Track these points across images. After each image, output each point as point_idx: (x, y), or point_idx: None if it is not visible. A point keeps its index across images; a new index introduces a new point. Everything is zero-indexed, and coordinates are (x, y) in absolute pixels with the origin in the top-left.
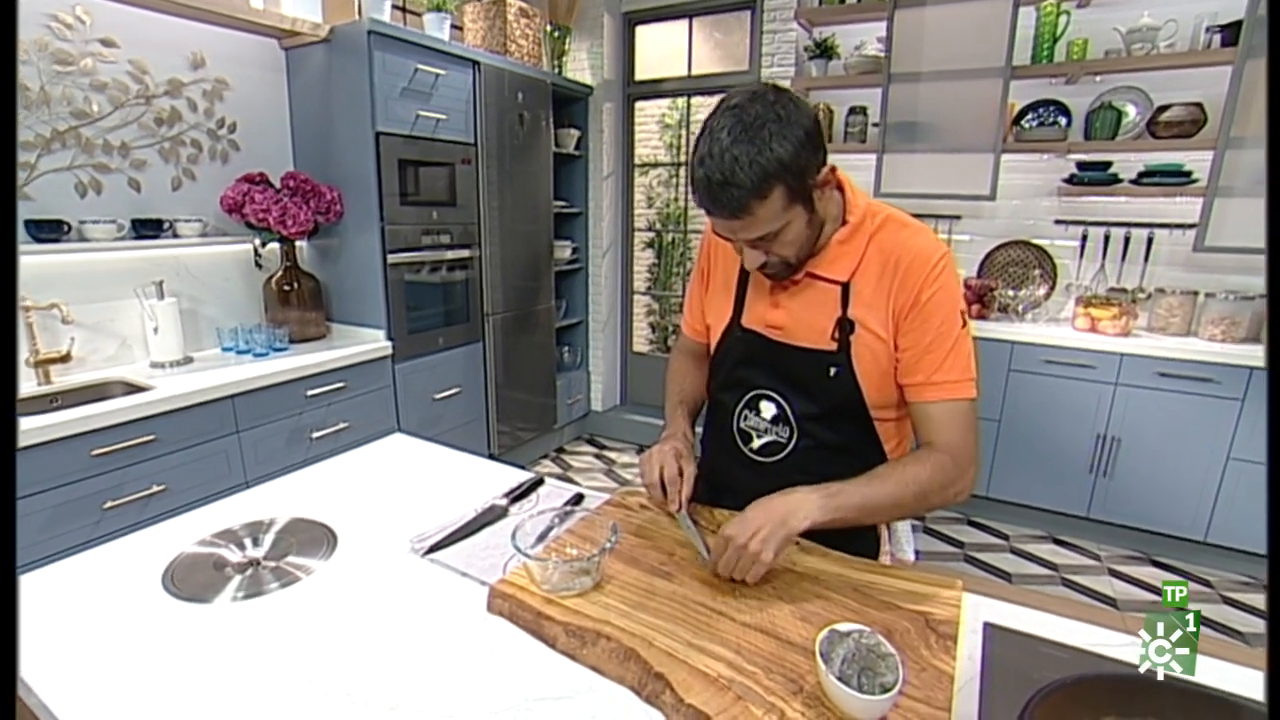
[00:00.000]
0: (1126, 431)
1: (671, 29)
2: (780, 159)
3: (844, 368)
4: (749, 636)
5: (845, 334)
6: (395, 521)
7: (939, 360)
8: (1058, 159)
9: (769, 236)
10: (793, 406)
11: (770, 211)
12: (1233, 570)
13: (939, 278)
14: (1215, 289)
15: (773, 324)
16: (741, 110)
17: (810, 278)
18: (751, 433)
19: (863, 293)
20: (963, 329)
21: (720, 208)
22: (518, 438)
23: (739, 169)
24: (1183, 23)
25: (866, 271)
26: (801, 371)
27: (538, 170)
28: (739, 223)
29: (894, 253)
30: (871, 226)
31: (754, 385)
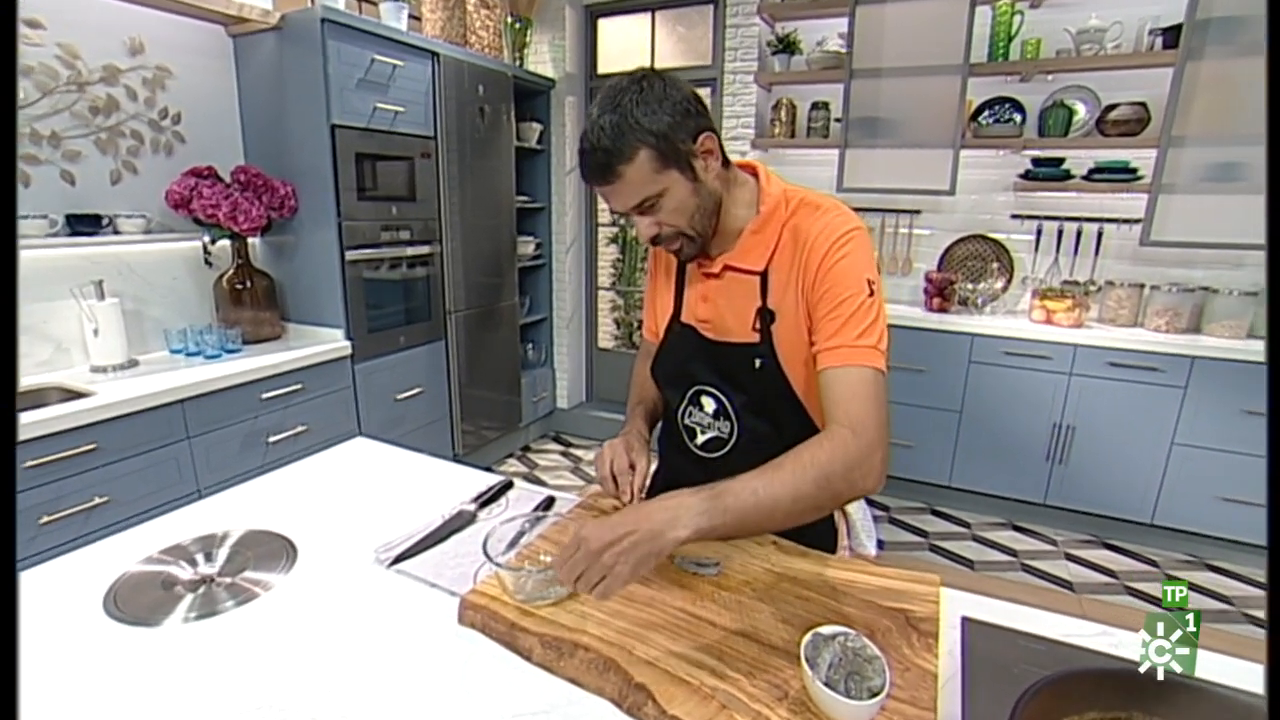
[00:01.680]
0: (1080, 420)
1: (634, 22)
2: (640, 122)
3: (768, 358)
4: (730, 641)
5: (766, 324)
6: (359, 531)
7: (837, 325)
8: (1013, 155)
9: (650, 203)
10: (731, 400)
11: (639, 174)
12: (1177, 550)
13: (843, 248)
14: (1160, 281)
15: (701, 318)
16: (611, 88)
17: (729, 270)
18: (696, 428)
19: (779, 280)
20: (869, 297)
21: (591, 173)
22: (482, 437)
23: (603, 135)
24: (1127, 25)
25: (780, 258)
26: (731, 365)
27: (499, 164)
28: (611, 188)
29: (804, 229)
30: (785, 214)
31: (695, 381)
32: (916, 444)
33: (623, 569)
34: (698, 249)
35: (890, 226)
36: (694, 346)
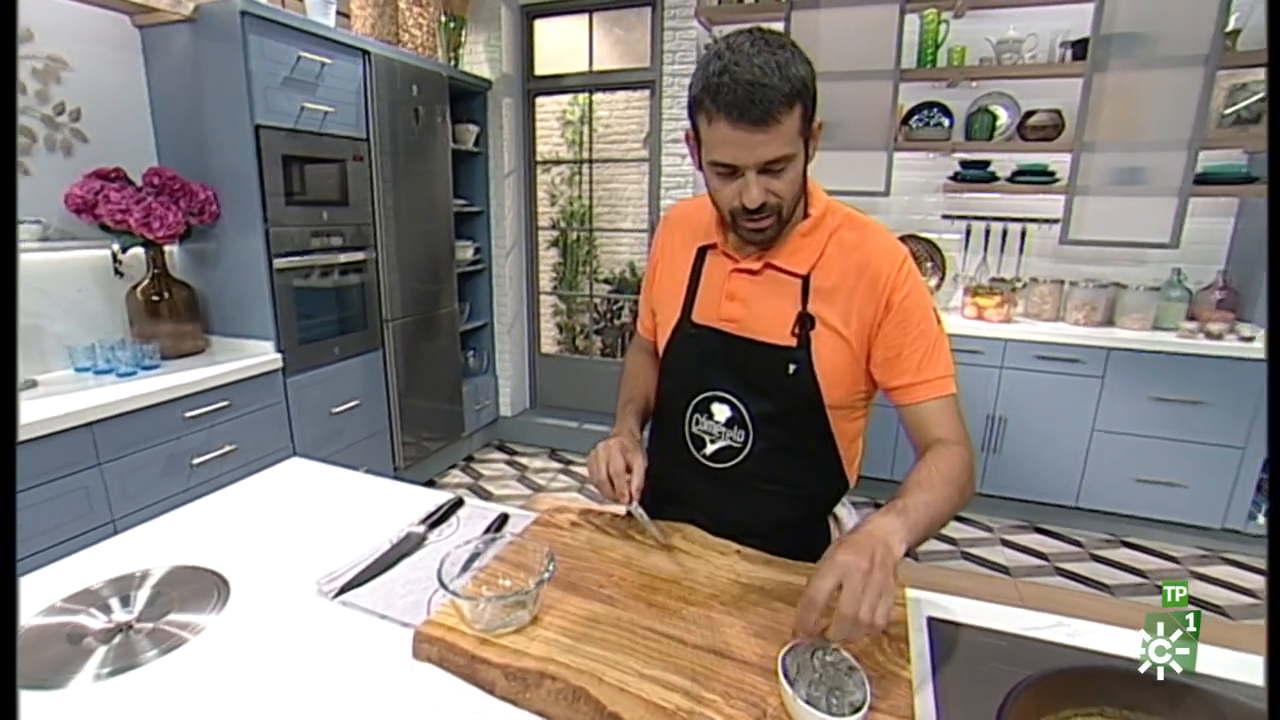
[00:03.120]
0: (1011, 411)
1: (571, 24)
2: (802, 77)
3: (803, 365)
4: (703, 660)
5: (805, 329)
6: (298, 560)
7: (924, 358)
8: (943, 157)
9: (778, 164)
10: (749, 407)
11: (791, 129)
12: (1099, 530)
13: (907, 278)
14: (1077, 278)
15: (728, 317)
16: (759, 33)
17: (770, 269)
18: (705, 437)
19: (823, 288)
20: (938, 326)
21: (752, 108)
22: (424, 449)
23: (771, 73)
24: (1041, 37)
25: (827, 266)
26: (758, 368)
27: (436, 167)
28: (764, 135)
29: (855, 252)
30: (833, 223)
31: (706, 386)
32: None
33: (891, 583)
34: (777, 234)
35: None
36: (711, 348)
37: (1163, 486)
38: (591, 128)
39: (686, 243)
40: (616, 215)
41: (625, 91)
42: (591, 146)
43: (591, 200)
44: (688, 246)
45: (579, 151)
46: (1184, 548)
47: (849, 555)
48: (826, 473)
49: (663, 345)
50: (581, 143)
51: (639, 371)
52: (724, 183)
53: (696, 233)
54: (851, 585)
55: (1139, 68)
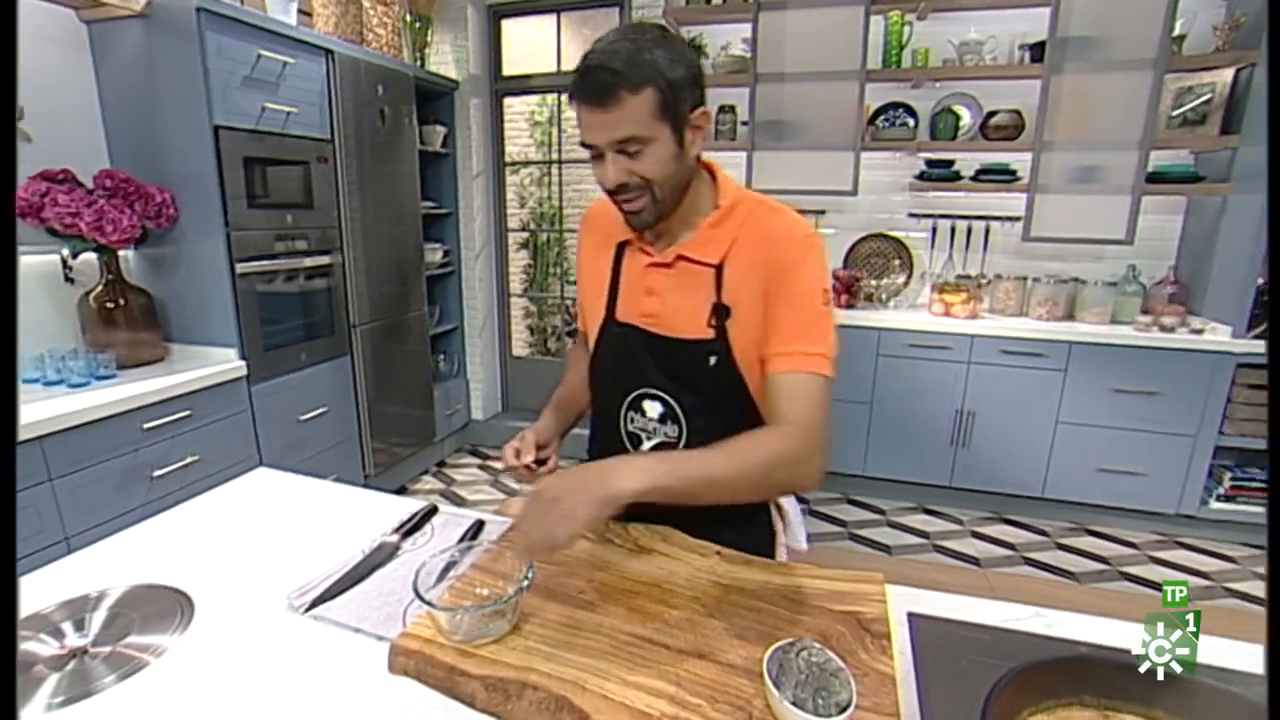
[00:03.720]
0: (979, 405)
1: (539, 24)
2: (657, 64)
3: (722, 355)
4: (686, 664)
5: (721, 320)
6: (267, 575)
7: (792, 331)
8: (908, 157)
9: (634, 147)
10: (679, 402)
11: (639, 110)
12: (1064, 519)
13: (803, 255)
14: (1039, 274)
15: (647, 313)
16: (631, 25)
17: (682, 261)
18: (640, 434)
19: (735, 276)
20: (823, 307)
21: (591, 90)
22: (395, 455)
23: (616, 58)
24: (1001, 39)
25: (738, 256)
26: (681, 363)
27: (402, 169)
28: (607, 114)
29: (763, 234)
30: (743, 213)
31: (636, 384)
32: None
33: (580, 511)
34: (655, 217)
35: None
36: (636, 346)
37: (1123, 475)
38: (561, 128)
39: (605, 240)
40: None
41: None
42: (561, 147)
43: (562, 201)
44: (607, 243)
45: (549, 152)
46: (1143, 534)
47: (550, 482)
48: None
49: (591, 345)
50: (551, 144)
51: (573, 365)
52: (597, 165)
53: (614, 229)
54: (531, 512)
55: (1093, 70)
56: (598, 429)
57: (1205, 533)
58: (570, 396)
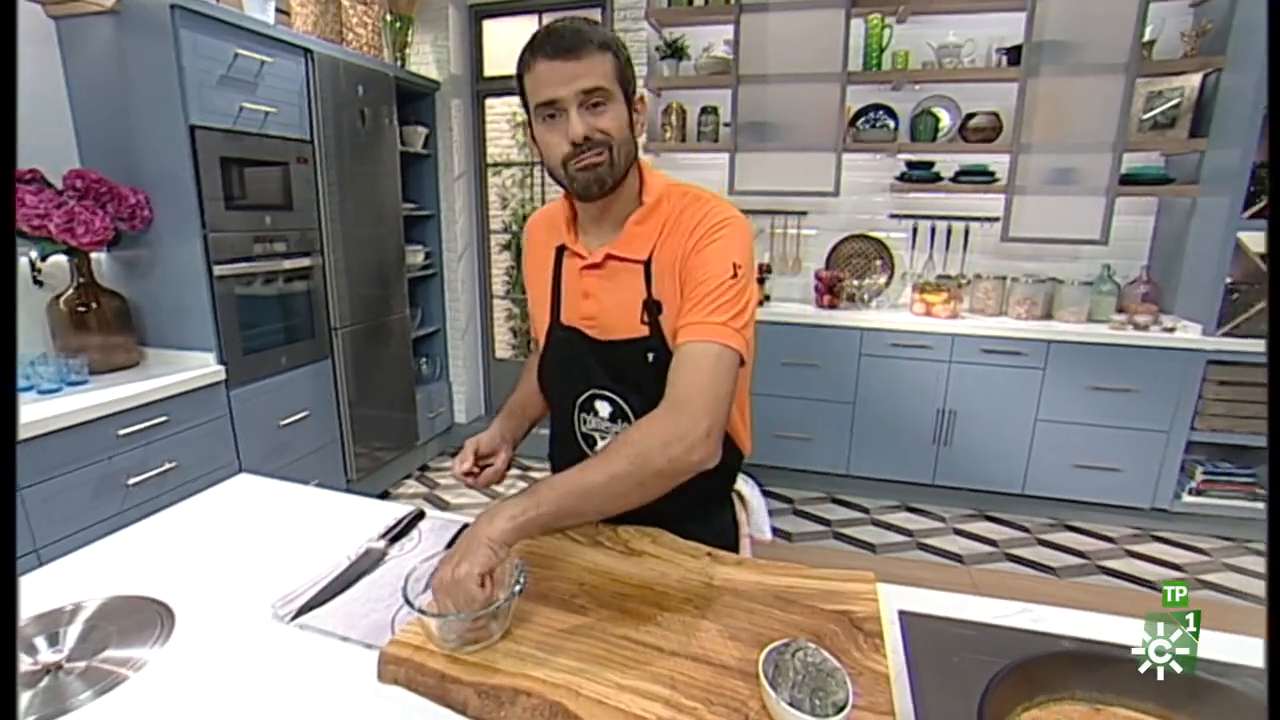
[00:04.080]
0: (960, 403)
1: (521, 24)
2: (615, 39)
3: (659, 350)
4: (681, 666)
5: (654, 315)
6: (251, 584)
7: (695, 304)
8: (889, 158)
9: (598, 101)
10: (626, 400)
11: (605, 68)
12: (1044, 515)
13: (717, 233)
14: (1018, 274)
15: (586, 315)
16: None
17: (611, 260)
18: (595, 435)
19: (662, 266)
20: (732, 279)
21: (561, 42)
22: (377, 459)
23: (579, 24)
24: (979, 42)
25: (664, 248)
26: (623, 362)
27: (383, 170)
28: (578, 64)
29: (685, 216)
30: (669, 207)
31: (586, 386)
32: (815, 436)
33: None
34: (611, 179)
35: (779, 228)
36: (581, 349)
37: (1099, 471)
38: None
39: (545, 245)
40: None
41: None
42: None
43: (544, 203)
44: (547, 248)
45: (530, 154)
46: (1119, 528)
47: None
48: None
49: (540, 350)
50: None
51: (527, 372)
52: (552, 130)
53: (552, 234)
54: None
55: (1067, 74)
56: (557, 431)
57: (1178, 526)
58: (524, 401)
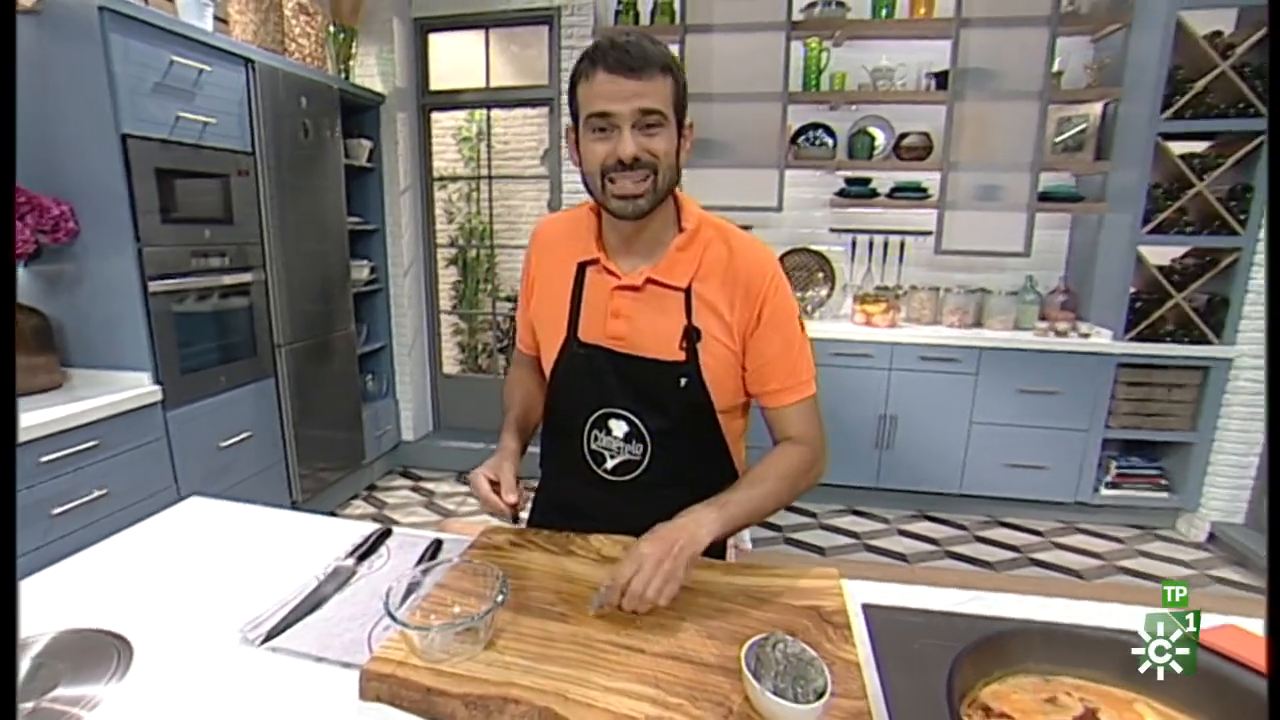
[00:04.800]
0: (900, 409)
1: (467, 39)
2: (674, 61)
3: (693, 376)
4: (664, 666)
5: (692, 342)
6: (214, 609)
7: (789, 366)
8: (828, 175)
9: (654, 119)
10: (645, 422)
11: (664, 91)
12: (980, 513)
13: (777, 289)
14: (950, 285)
15: (615, 335)
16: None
17: (651, 284)
18: (604, 453)
19: (704, 300)
20: (801, 333)
21: (629, 58)
22: (322, 480)
23: (644, 42)
24: (910, 67)
25: (707, 279)
26: (650, 384)
27: (327, 184)
28: (640, 84)
29: (732, 265)
30: (707, 236)
31: (601, 404)
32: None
33: (680, 570)
34: (650, 205)
35: None
36: (602, 367)
37: (1028, 469)
38: (490, 144)
39: (564, 259)
40: (515, 232)
41: (523, 109)
42: (490, 163)
43: (492, 217)
44: (565, 263)
45: (477, 168)
46: (1047, 521)
47: (651, 547)
48: (720, 471)
49: (549, 364)
50: (479, 159)
51: (519, 383)
52: (600, 141)
53: (574, 249)
54: (644, 572)
55: (989, 99)
56: (555, 447)
57: (1097, 517)
58: (525, 420)
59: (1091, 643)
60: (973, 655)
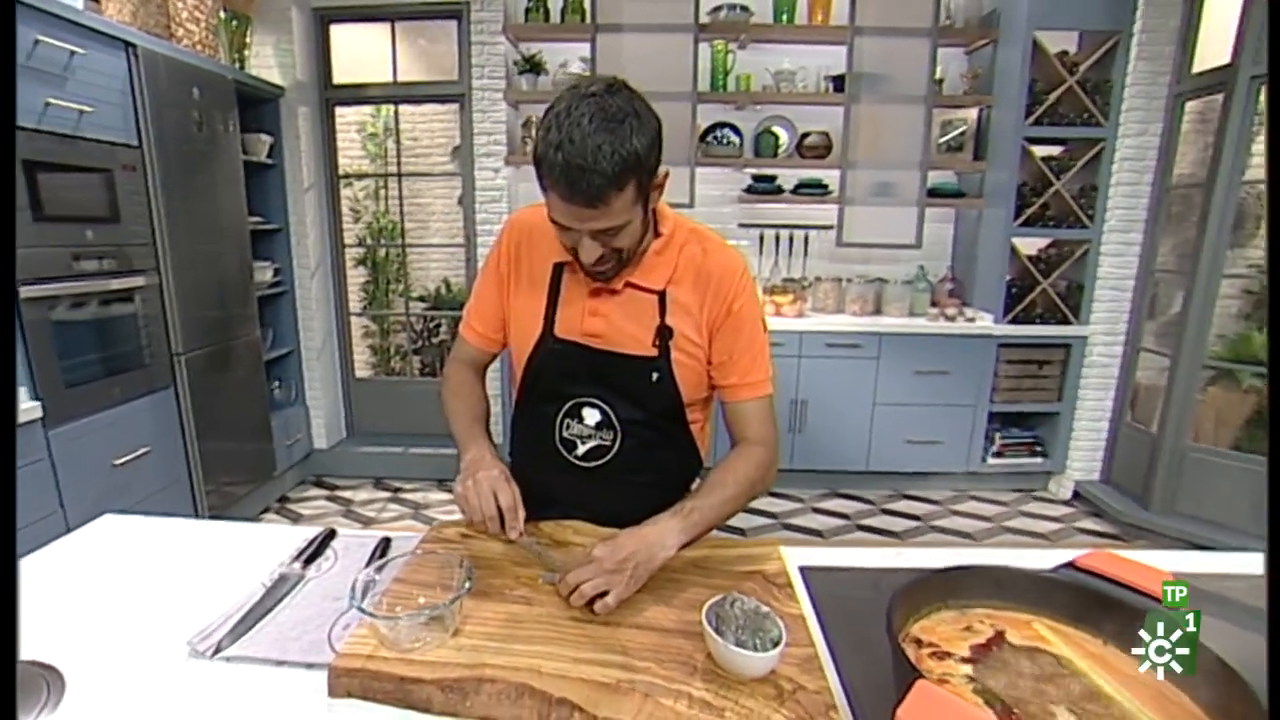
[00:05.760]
0: (810, 394)
1: (372, 32)
2: (638, 153)
3: (665, 372)
4: (628, 636)
5: (665, 340)
6: (152, 626)
7: (749, 364)
8: (736, 172)
9: (612, 231)
10: (617, 412)
11: (622, 204)
12: (885, 488)
13: (745, 288)
14: (852, 275)
15: (591, 332)
16: (602, 100)
17: (629, 287)
18: (576, 441)
19: (677, 301)
20: (764, 334)
21: (579, 194)
22: (230, 494)
23: (601, 158)
24: (810, 70)
25: (681, 281)
26: (624, 378)
27: (225, 180)
28: (593, 212)
29: (704, 266)
30: (682, 239)
31: (575, 395)
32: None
33: (632, 581)
34: (615, 274)
35: None
36: (576, 361)
37: (926, 445)
38: (399, 141)
39: (544, 256)
40: (425, 230)
41: (433, 104)
42: (400, 160)
43: (402, 215)
44: (545, 260)
45: (384, 165)
46: (943, 491)
47: (606, 552)
48: (685, 457)
49: (522, 356)
50: (386, 156)
51: (469, 384)
52: (563, 234)
53: (551, 248)
54: (586, 571)
55: (881, 102)
56: (526, 435)
57: (986, 484)
58: (483, 415)
59: (994, 579)
60: (902, 599)
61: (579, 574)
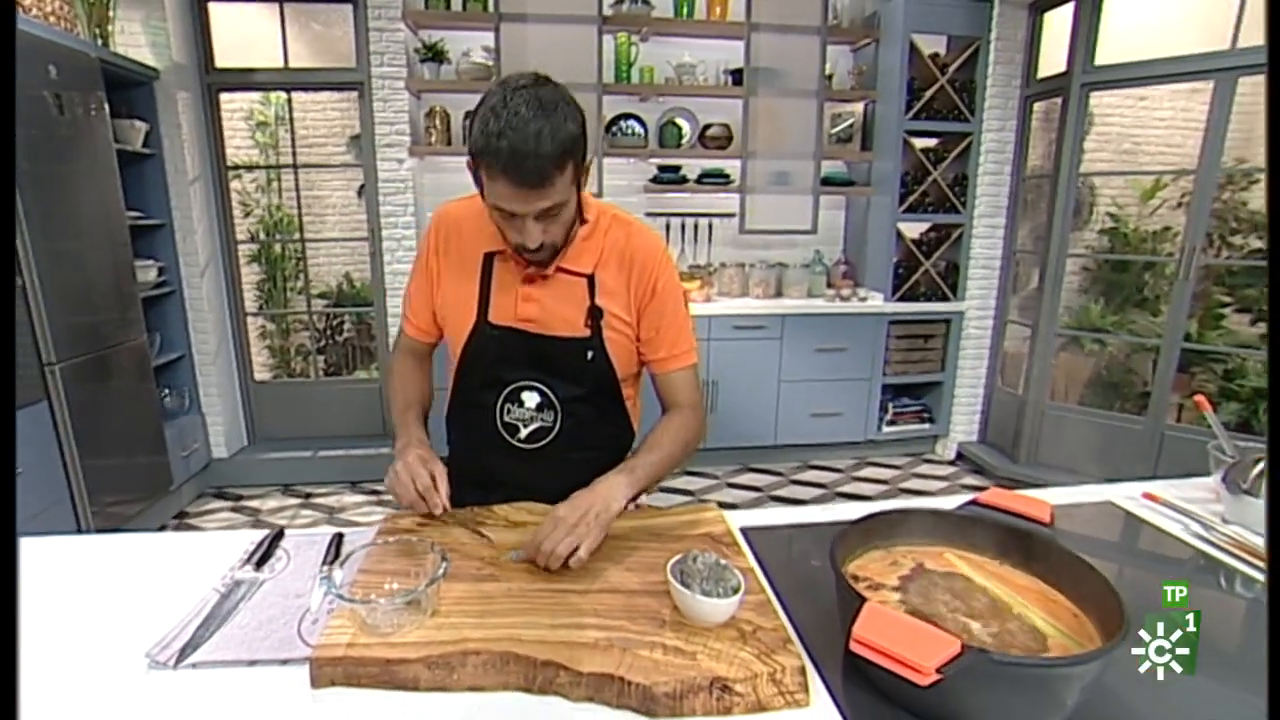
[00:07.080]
0: (720, 375)
1: (257, 11)
2: (574, 135)
3: (598, 350)
4: (598, 599)
5: (596, 320)
6: (103, 644)
7: (675, 337)
8: (641, 162)
9: (554, 211)
10: (556, 392)
11: (563, 184)
12: (792, 460)
13: (665, 267)
14: (754, 261)
15: (525, 317)
16: (534, 90)
17: (560, 271)
18: (518, 424)
19: (605, 283)
20: (685, 308)
21: (526, 176)
22: (119, 513)
23: (542, 140)
24: (710, 64)
25: (607, 264)
26: (561, 359)
27: (95, 171)
28: (538, 193)
29: (628, 249)
30: (606, 224)
31: (513, 379)
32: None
33: (597, 530)
34: (552, 257)
35: None
36: (513, 346)
37: (828, 417)
38: (292, 130)
39: (471, 247)
40: (323, 224)
41: (328, 92)
42: (295, 150)
43: (300, 208)
44: (474, 251)
45: (276, 156)
46: (845, 459)
47: (567, 510)
48: (621, 432)
49: (457, 345)
50: (279, 146)
51: (411, 373)
52: (506, 222)
53: (480, 238)
54: (556, 533)
55: (777, 95)
56: (467, 422)
57: (882, 451)
58: (423, 403)
59: (913, 520)
60: (839, 543)
61: (549, 539)
